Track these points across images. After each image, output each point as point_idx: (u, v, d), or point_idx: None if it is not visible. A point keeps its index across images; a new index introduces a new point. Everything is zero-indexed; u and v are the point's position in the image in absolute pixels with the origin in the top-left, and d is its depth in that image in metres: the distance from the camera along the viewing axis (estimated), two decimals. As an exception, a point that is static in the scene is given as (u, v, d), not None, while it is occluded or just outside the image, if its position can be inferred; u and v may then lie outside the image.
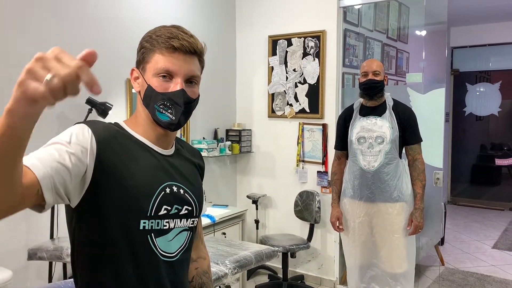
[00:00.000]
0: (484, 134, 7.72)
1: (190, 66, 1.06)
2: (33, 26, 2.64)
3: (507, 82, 6.95)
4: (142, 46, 1.09)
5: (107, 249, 1.02)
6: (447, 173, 7.16)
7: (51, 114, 2.74)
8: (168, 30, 1.06)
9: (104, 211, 1.00)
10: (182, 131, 3.71)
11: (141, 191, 1.03)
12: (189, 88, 1.07)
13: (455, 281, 3.97)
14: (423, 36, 4.47)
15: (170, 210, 1.08)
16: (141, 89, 1.09)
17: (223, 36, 4.17)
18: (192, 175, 1.20)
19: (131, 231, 1.02)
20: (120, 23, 3.13)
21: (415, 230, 2.74)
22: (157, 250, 1.06)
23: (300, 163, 3.97)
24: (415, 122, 2.80)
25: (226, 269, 2.13)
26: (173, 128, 1.09)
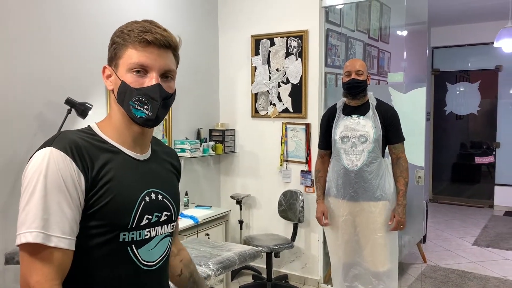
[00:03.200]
0: (464, 133, 7.84)
1: (165, 60, 1.03)
2: (9, 22, 2.57)
3: (486, 82, 7.08)
4: (114, 41, 1.04)
5: (85, 261, 0.99)
6: (429, 172, 7.26)
7: (29, 115, 2.68)
8: (141, 24, 1.02)
9: (84, 226, 0.97)
10: (165, 131, 3.67)
11: (121, 206, 0.99)
12: (165, 83, 1.04)
13: (437, 278, 4.02)
14: (404, 36, 4.51)
15: (151, 218, 1.05)
16: (114, 87, 1.05)
17: (206, 36, 4.14)
18: (169, 178, 1.17)
19: (111, 244, 0.99)
20: (100, 22, 3.08)
21: (397, 226, 2.76)
22: (137, 260, 1.03)
23: (283, 162, 3.97)
24: (398, 122, 2.83)
25: (209, 271, 2.11)
26: (150, 125, 1.05)
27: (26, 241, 0.90)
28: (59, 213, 0.92)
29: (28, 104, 2.67)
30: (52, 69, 2.81)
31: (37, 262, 0.91)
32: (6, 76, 2.56)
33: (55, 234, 0.91)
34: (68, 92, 2.79)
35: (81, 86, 2.96)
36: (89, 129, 1.06)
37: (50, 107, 2.77)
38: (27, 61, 2.67)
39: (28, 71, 2.68)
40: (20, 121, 2.63)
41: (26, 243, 0.90)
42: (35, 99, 2.71)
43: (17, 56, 2.61)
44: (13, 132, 2.58)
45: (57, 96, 2.78)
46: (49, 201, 0.92)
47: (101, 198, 0.97)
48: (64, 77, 2.87)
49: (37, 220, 0.91)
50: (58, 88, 2.82)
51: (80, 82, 2.95)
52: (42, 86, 2.75)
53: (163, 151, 1.20)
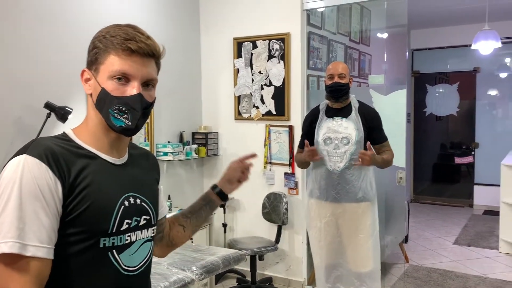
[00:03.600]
0: (444, 134, 7.99)
1: (147, 69, 1.01)
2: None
3: (464, 83, 7.23)
4: (95, 46, 1.02)
5: (64, 269, 0.97)
6: (410, 172, 7.36)
7: (6, 120, 2.62)
8: (124, 31, 1.00)
9: (64, 232, 0.96)
10: (147, 134, 3.64)
11: (100, 211, 0.98)
12: (146, 92, 1.02)
13: (419, 278, 4.07)
14: (384, 38, 4.57)
15: (131, 223, 1.04)
16: (93, 92, 1.03)
17: (188, 39, 4.12)
18: (147, 182, 1.15)
19: (91, 250, 0.98)
20: (80, 25, 3.03)
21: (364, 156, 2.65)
22: (119, 266, 1.02)
23: (267, 165, 3.98)
24: (380, 123, 2.87)
25: (193, 275, 2.10)
26: (129, 134, 1.04)
27: (2, 251, 0.88)
28: (35, 222, 0.90)
29: (5, 108, 2.61)
30: (31, 73, 2.75)
31: (14, 272, 0.89)
32: (-18, 80, 2.50)
33: (32, 244, 0.89)
34: (47, 96, 2.74)
35: (61, 89, 2.91)
36: (64, 135, 1.04)
37: (29, 112, 2.72)
38: (4, 65, 2.61)
39: (5, 74, 2.62)
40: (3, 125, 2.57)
41: (2, 254, 0.88)
42: (13, 103, 2.65)
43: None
44: (-9, 137, 2.53)
45: (35, 100, 2.73)
46: (25, 210, 0.90)
47: (79, 204, 0.96)
48: (43, 81, 2.82)
49: (12, 230, 0.88)
50: (37, 92, 2.77)
51: (59, 86, 2.90)
52: (20, 89, 2.69)
53: (139, 153, 1.18)
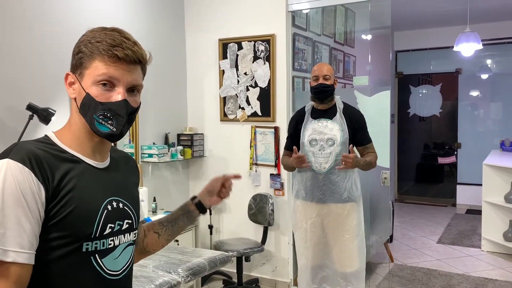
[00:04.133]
0: (427, 134, 8.09)
1: (133, 76, 1.01)
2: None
3: (447, 84, 7.34)
4: (80, 50, 1.00)
5: (47, 275, 0.96)
6: (394, 172, 7.44)
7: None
8: (110, 36, 0.99)
9: (46, 237, 0.95)
10: (131, 136, 3.61)
11: (83, 215, 0.97)
12: (131, 97, 1.02)
13: (404, 277, 4.12)
14: (368, 40, 4.61)
15: (114, 227, 1.03)
16: (77, 96, 1.02)
17: (173, 39, 4.10)
18: (128, 185, 1.15)
19: (74, 254, 0.97)
20: (63, 24, 2.99)
21: (346, 159, 2.66)
22: (102, 270, 1.01)
23: (253, 166, 3.98)
24: (364, 124, 2.90)
25: (179, 278, 2.09)
26: (113, 140, 1.04)
27: None
28: (16, 227, 0.89)
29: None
30: (12, 73, 2.71)
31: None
32: (-38, 81, 2.45)
33: (12, 249, 0.88)
34: (30, 98, 2.69)
35: (43, 91, 2.87)
36: (47, 139, 1.03)
37: (10, 113, 2.67)
38: (-15, 66, 2.56)
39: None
40: (-22, 128, 2.52)
41: None
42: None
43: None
44: (-29, 139, 2.48)
45: (18, 101, 2.68)
46: (6, 215, 0.89)
47: (62, 209, 0.95)
48: (25, 82, 2.77)
49: None
50: (18, 93, 2.72)
51: (42, 87, 2.86)
52: (2, 91, 2.65)
53: (120, 156, 1.18)
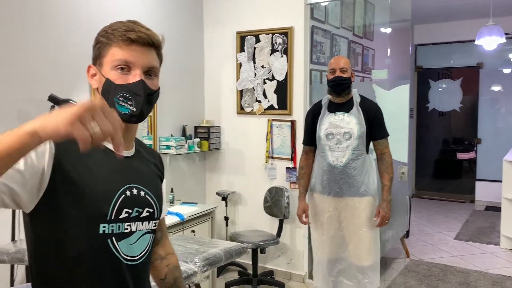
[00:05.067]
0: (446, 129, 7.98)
1: (148, 58, 1.04)
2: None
3: (467, 79, 7.21)
4: (98, 41, 1.05)
5: (65, 255, 0.98)
6: (412, 167, 7.36)
7: (11, 112, 2.63)
8: (124, 24, 1.04)
9: (62, 216, 0.97)
10: (149, 128, 3.65)
11: (100, 195, 1.00)
12: (148, 80, 1.05)
13: (420, 272, 4.09)
14: (388, 33, 4.56)
15: (131, 213, 1.05)
16: (99, 85, 1.06)
17: (191, 33, 4.12)
18: (152, 177, 1.18)
19: (91, 235, 0.99)
20: (84, 18, 3.04)
21: (382, 221, 2.79)
22: (119, 254, 1.03)
23: (269, 159, 3.99)
24: (382, 118, 2.86)
25: (196, 267, 2.11)
26: (135, 120, 1.05)
27: None
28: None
29: (10, 101, 2.63)
30: (35, 66, 2.77)
31: None
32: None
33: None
34: (51, 89, 2.75)
35: (65, 82, 2.92)
36: None
37: (32, 104, 2.73)
38: (9, 59, 2.62)
39: (11, 68, 2.63)
40: (1, 118, 2.58)
41: None
42: (17, 96, 2.67)
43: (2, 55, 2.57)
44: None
45: (39, 92, 2.74)
46: None
47: (76, 184, 0.97)
48: (46, 74, 2.83)
49: None
50: (40, 85, 2.78)
51: (63, 79, 2.92)
52: (24, 82, 2.71)
53: (146, 151, 1.21)
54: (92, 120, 0.71)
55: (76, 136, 0.70)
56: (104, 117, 0.73)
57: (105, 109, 0.74)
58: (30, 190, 0.92)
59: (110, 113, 0.74)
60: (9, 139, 0.71)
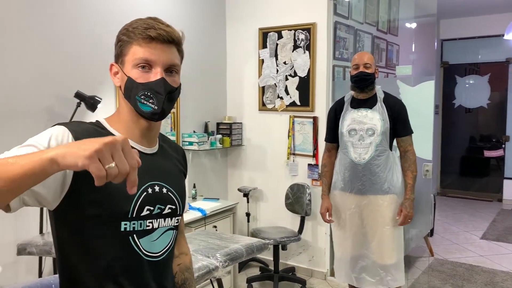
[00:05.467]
0: (473, 126, 7.78)
1: (168, 55, 1.05)
2: (19, 18, 2.60)
3: (495, 74, 7.01)
4: (119, 39, 1.07)
5: (88, 251, 1.01)
6: (437, 165, 7.22)
7: (40, 108, 2.71)
8: (144, 21, 1.05)
9: (84, 214, 0.99)
10: (173, 124, 3.69)
11: (121, 194, 0.99)
12: (169, 77, 1.06)
13: (444, 272, 4.02)
14: (413, 28, 4.48)
15: (153, 210, 1.06)
16: (121, 83, 1.07)
17: (213, 29, 4.14)
18: (175, 173, 1.18)
19: (112, 233, 1.01)
20: (108, 16, 3.09)
21: (405, 220, 2.76)
22: (140, 251, 1.04)
23: (290, 156, 3.98)
24: (405, 114, 2.81)
25: (217, 262, 2.13)
26: (156, 118, 1.06)
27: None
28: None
29: (38, 97, 2.70)
30: (62, 63, 2.83)
31: None
32: (16, 71, 2.59)
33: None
34: (78, 86, 2.81)
35: (91, 80, 2.98)
36: (98, 123, 1.09)
37: (60, 101, 2.80)
38: (37, 57, 2.69)
39: (39, 66, 2.70)
40: (30, 115, 2.66)
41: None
42: (45, 93, 2.74)
43: (28, 51, 2.64)
44: (24, 126, 2.62)
45: (66, 90, 2.81)
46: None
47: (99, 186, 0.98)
48: (73, 71, 2.90)
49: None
50: (67, 82, 2.85)
51: (89, 76, 2.98)
52: (52, 80, 2.78)
53: (170, 147, 1.22)
54: (111, 158, 0.73)
55: (91, 172, 0.72)
56: (124, 155, 0.74)
57: (125, 146, 0.75)
58: (53, 191, 0.94)
59: (130, 151, 0.76)
60: (31, 162, 0.73)
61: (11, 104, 2.57)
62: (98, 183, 0.73)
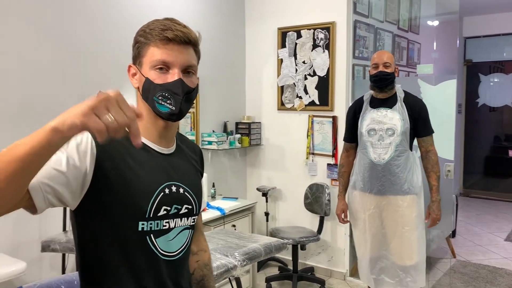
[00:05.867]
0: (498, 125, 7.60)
1: (185, 56, 1.06)
2: (44, 22, 2.67)
3: (521, 72, 6.84)
4: (137, 41, 1.08)
5: (106, 250, 1.03)
6: (460, 165, 7.09)
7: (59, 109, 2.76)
8: (161, 23, 1.05)
9: (103, 214, 1.01)
10: (192, 124, 3.73)
11: (139, 194, 1.02)
12: (186, 78, 1.07)
13: (467, 274, 3.95)
14: (434, 26, 4.40)
15: (170, 210, 1.08)
16: (139, 84, 1.09)
17: (232, 29, 4.16)
18: (191, 173, 1.19)
19: (130, 232, 1.02)
20: (130, 17, 3.14)
21: (433, 223, 2.75)
22: (157, 250, 1.06)
23: (309, 155, 3.97)
24: (426, 114, 2.77)
25: (235, 261, 2.15)
26: (174, 119, 1.07)
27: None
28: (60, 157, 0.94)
29: (59, 98, 2.77)
30: (85, 64, 2.89)
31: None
32: (38, 71, 2.66)
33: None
34: (100, 87, 2.87)
35: (113, 80, 3.03)
36: None
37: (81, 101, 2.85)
38: (61, 59, 2.76)
39: (63, 67, 2.77)
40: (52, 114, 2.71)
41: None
42: (66, 93, 2.80)
43: (49, 51, 2.71)
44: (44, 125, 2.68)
45: (89, 90, 2.87)
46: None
47: (117, 183, 1.00)
48: (96, 72, 2.95)
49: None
50: (90, 83, 2.90)
51: (111, 77, 3.03)
52: (75, 82, 2.84)
53: (187, 146, 1.23)
54: (107, 112, 0.73)
55: (91, 127, 0.72)
56: (120, 108, 0.75)
57: (120, 100, 0.75)
58: (73, 190, 0.95)
59: (125, 104, 0.76)
60: (36, 137, 0.74)
61: (32, 103, 2.64)
62: (100, 139, 0.73)
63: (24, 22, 2.58)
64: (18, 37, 2.55)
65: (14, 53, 2.54)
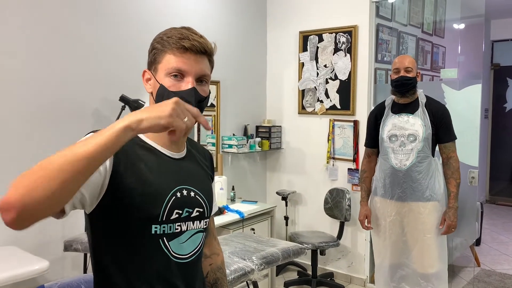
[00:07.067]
0: (526, 131, 7.39)
1: (200, 66, 1.08)
2: (68, 25, 2.73)
3: (551, 77, 6.63)
4: (154, 47, 1.11)
5: (119, 253, 1.04)
6: (486, 172, 6.91)
7: (87, 111, 2.83)
8: (179, 31, 1.08)
9: (116, 217, 1.02)
10: (213, 127, 3.75)
11: (152, 198, 1.04)
12: (199, 87, 1.08)
13: (491, 283, 3.84)
14: (459, 30, 4.32)
15: (181, 213, 1.09)
16: (153, 90, 1.11)
17: (254, 32, 4.18)
18: (202, 177, 1.21)
19: (143, 236, 1.04)
20: (152, 20, 3.19)
21: (448, 230, 2.67)
22: (169, 253, 1.07)
23: (330, 160, 3.94)
24: (449, 120, 2.72)
25: (253, 265, 2.15)
26: None
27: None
28: None
29: (86, 100, 2.83)
30: (108, 67, 2.95)
31: None
32: (65, 75, 2.73)
33: None
34: (122, 90, 2.92)
35: (135, 84, 3.08)
36: None
37: (105, 103, 2.92)
38: (85, 62, 2.82)
39: (86, 70, 2.83)
40: (78, 117, 2.79)
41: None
42: (92, 96, 2.87)
43: (76, 56, 2.77)
44: (71, 127, 2.75)
45: (112, 93, 2.92)
46: None
47: (130, 187, 1.01)
48: (119, 75, 3.01)
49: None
50: (113, 85, 2.96)
51: (133, 80, 3.08)
52: (98, 84, 2.90)
53: (197, 151, 1.25)
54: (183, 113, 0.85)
55: (174, 127, 0.83)
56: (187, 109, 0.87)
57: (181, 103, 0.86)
58: (94, 195, 0.98)
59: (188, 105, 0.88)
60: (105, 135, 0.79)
61: (60, 106, 2.70)
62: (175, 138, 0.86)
63: (56, 29, 2.65)
64: (47, 42, 2.62)
65: (44, 57, 2.61)
